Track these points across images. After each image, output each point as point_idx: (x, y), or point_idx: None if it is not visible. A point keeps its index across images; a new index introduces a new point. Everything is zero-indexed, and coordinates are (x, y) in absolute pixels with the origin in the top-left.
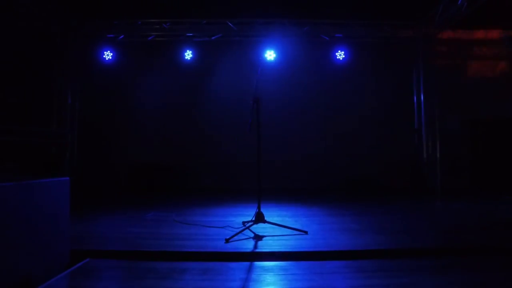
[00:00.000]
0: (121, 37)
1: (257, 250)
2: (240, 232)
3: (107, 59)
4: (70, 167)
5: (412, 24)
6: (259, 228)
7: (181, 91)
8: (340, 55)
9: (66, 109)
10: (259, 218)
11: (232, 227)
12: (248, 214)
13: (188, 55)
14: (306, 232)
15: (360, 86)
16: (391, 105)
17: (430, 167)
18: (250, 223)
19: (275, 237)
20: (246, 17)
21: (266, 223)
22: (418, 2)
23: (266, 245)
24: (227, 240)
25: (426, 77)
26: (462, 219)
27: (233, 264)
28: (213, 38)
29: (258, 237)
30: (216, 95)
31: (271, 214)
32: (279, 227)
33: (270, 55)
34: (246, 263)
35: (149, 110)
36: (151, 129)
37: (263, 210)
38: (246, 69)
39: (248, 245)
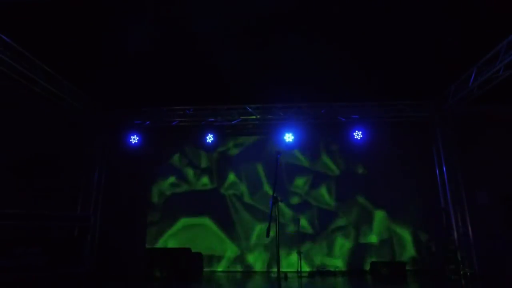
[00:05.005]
0: (147, 122)
1: None
2: None
3: (133, 142)
4: (91, 249)
5: (426, 103)
6: None
7: (202, 172)
8: (358, 135)
9: (92, 190)
10: None
11: None
12: None
13: (210, 138)
14: None
15: (380, 165)
16: (414, 182)
17: (463, 248)
18: None
19: None
20: (264, 102)
21: None
22: (430, 83)
23: None
24: None
25: (447, 154)
26: None
27: None
28: (233, 122)
29: None
30: (237, 175)
31: None
32: None
33: (288, 137)
34: None
35: (172, 191)
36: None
37: None
38: (266, 151)
39: None
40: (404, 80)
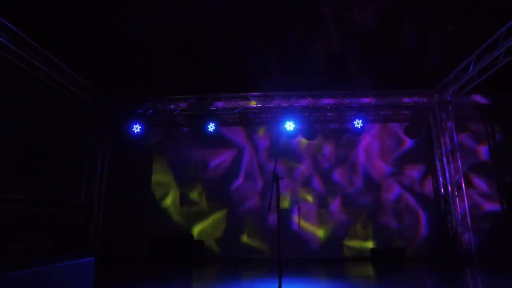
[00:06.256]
0: (149, 111)
1: None
2: None
3: (135, 131)
4: (94, 235)
5: (427, 91)
6: None
7: (204, 161)
8: (358, 123)
9: (96, 177)
10: None
11: None
12: None
13: (211, 127)
14: None
15: (380, 151)
16: (415, 170)
17: (462, 234)
18: None
19: None
20: (266, 90)
21: None
22: (430, 71)
23: None
24: None
25: (446, 141)
26: None
27: None
28: (235, 111)
29: None
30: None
31: None
32: None
33: (289, 125)
34: None
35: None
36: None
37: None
38: (267, 138)
39: None
40: (405, 68)
